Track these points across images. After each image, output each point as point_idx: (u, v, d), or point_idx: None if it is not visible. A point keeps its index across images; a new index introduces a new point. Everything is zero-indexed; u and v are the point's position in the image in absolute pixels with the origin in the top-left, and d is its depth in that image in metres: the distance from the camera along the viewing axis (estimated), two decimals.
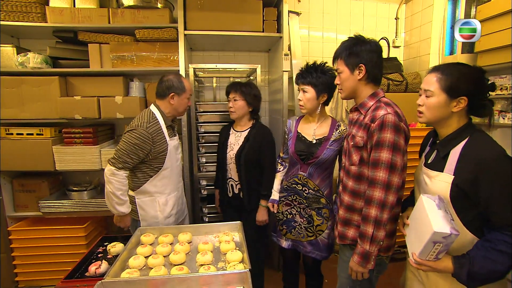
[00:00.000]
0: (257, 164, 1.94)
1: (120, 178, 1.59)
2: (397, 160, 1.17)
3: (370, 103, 1.28)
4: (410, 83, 2.69)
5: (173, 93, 1.70)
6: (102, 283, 1.10)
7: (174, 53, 2.20)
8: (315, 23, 2.94)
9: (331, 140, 1.61)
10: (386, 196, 1.17)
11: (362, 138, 1.25)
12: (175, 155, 1.81)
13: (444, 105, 1.07)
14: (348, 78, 1.31)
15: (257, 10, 2.26)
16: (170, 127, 1.78)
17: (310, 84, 1.59)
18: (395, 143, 1.16)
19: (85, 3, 2.18)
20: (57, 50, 2.25)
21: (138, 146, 1.59)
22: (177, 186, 1.87)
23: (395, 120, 1.17)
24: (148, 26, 2.17)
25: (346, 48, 1.30)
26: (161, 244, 1.43)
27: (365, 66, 1.26)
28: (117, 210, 1.63)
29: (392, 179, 1.17)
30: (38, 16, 2.09)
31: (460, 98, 1.04)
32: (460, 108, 1.05)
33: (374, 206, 1.19)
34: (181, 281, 1.13)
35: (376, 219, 1.18)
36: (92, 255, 1.45)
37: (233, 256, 1.31)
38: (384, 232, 1.20)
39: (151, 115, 1.67)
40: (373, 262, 1.23)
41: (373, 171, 1.20)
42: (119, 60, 2.20)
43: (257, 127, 1.97)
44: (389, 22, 3.03)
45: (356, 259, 1.25)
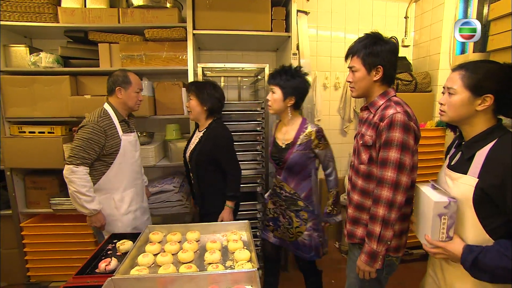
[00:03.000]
0: (211, 166, 1.83)
1: (81, 175, 1.59)
2: (406, 159, 1.15)
3: (380, 102, 1.26)
4: (420, 82, 2.66)
5: (119, 87, 1.73)
6: (112, 279, 1.11)
7: (183, 52, 2.21)
8: (324, 22, 2.92)
9: (297, 144, 1.63)
10: (394, 195, 1.16)
11: (371, 137, 1.23)
12: (131, 151, 1.81)
13: (468, 103, 1.00)
14: (363, 78, 1.27)
15: (265, 9, 2.26)
16: (125, 123, 1.79)
17: (278, 86, 1.63)
18: (404, 143, 1.14)
19: (96, 3, 2.21)
20: (68, 49, 2.28)
21: (92, 140, 1.61)
22: (134, 183, 1.86)
23: (404, 119, 1.15)
24: (157, 26, 2.19)
25: (364, 46, 1.24)
26: (170, 242, 1.44)
27: (383, 68, 1.23)
28: (88, 209, 1.62)
29: (401, 179, 1.15)
30: (50, 16, 2.13)
31: (485, 96, 0.97)
32: (485, 107, 0.98)
33: (382, 205, 1.17)
34: (190, 279, 1.13)
35: (383, 218, 1.17)
36: (101, 252, 1.47)
37: (241, 255, 1.31)
38: (392, 231, 1.18)
39: (102, 111, 1.71)
40: (381, 262, 1.21)
41: (381, 170, 1.18)
42: (128, 59, 2.22)
43: (211, 128, 1.85)
44: (398, 21, 2.99)
45: (364, 258, 1.24)
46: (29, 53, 2.20)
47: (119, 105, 1.77)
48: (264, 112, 2.39)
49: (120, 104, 1.77)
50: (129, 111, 1.84)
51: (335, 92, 3.04)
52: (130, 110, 1.84)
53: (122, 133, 1.75)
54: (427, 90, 2.72)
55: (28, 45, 2.24)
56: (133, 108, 1.83)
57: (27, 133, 2.22)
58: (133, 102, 1.80)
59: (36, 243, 2.28)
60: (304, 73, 1.68)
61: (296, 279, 2.50)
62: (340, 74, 3.00)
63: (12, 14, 2.09)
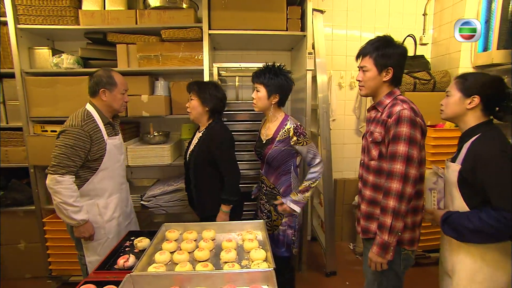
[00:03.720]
0: (209, 167, 1.79)
1: (67, 184, 1.50)
2: (414, 152, 1.21)
3: (387, 101, 1.34)
4: (439, 81, 2.59)
5: (103, 89, 1.63)
6: (131, 276, 1.13)
7: (199, 52, 2.23)
8: (339, 21, 2.89)
9: (277, 140, 1.69)
10: (404, 187, 1.21)
11: (380, 134, 1.30)
12: (117, 155, 1.73)
13: (460, 103, 1.25)
14: (374, 77, 1.34)
15: (281, 8, 2.25)
16: (110, 125, 1.71)
17: (262, 84, 1.67)
18: (412, 137, 1.21)
19: (114, 5, 2.26)
20: (88, 51, 2.35)
21: (77, 147, 1.51)
22: (119, 188, 1.78)
23: (411, 114, 1.22)
24: (173, 26, 2.21)
25: (377, 48, 1.31)
26: (186, 240, 1.46)
27: (393, 69, 1.31)
28: (76, 220, 1.54)
29: (409, 171, 1.21)
30: (71, 19, 2.19)
31: (473, 97, 1.21)
32: (473, 106, 1.22)
33: (392, 197, 1.22)
34: (206, 278, 1.14)
35: (394, 209, 1.21)
36: (119, 249, 1.50)
37: (257, 255, 1.31)
38: (402, 222, 1.24)
39: (85, 114, 1.60)
40: (392, 253, 1.26)
41: (391, 163, 1.24)
42: (145, 59, 2.26)
43: (210, 127, 1.80)
44: (416, 18, 2.92)
45: (375, 249, 1.28)
46: (52, 55, 2.27)
47: (103, 107, 1.67)
48: None
49: (105, 107, 1.67)
50: (114, 113, 1.75)
51: (351, 92, 2.99)
52: (115, 112, 1.75)
53: (108, 137, 1.65)
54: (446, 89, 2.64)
55: (51, 47, 2.31)
56: (119, 110, 1.74)
57: (49, 132, 2.29)
58: (119, 104, 1.70)
59: (57, 238, 2.35)
60: (287, 71, 1.73)
61: (312, 279, 2.49)
62: (356, 73, 2.92)
63: (37, 18, 2.17)
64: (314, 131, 2.77)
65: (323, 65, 2.37)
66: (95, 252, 1.68)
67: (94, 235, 1.64)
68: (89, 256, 1.68)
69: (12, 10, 2.12)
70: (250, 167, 2.34)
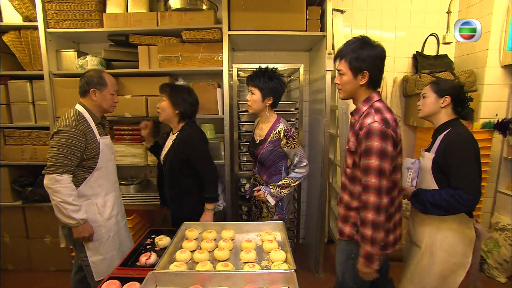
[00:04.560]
0: (186, 169, 1.82)
1: (66, 183, 1.50)
2: (385, 165, 1.22)
3: (363, 108, 1.33)
4: (463, 82, 2.50)
5: (93, 89, 1.65)
6: (153, 273, 1.15)
7: (218, 53, 2.25)
8: (358, 20, 2.84)
9: (268, 140, 1.76)
10: (380, 199, 1.23)
11: (354, 144, 1.32)
12: (109, 154, 1.75)
13: (435, 102, 1.49)
14: (350, 81, 1.32)
15: (300, 9, 2.24)
16: (100, 125, 1.72)
17: (257, 87, 1.72)
18: (383, 150, 1.22)
19: (137, 8, 2.31)
20: (111, 52, 2.41)
21: (73, 146, 1.52)
22: (114, 187, 1.80)
23: (381, 127, 1.22)
24: (193, 28, 2.24)
25: (352, 51, 1.28)
26: (205, 239, 1.47)
27: (369, 73, 1.27)
28: (76, 219, 1.53)
29: (383, 183, 1.23)
30: (96, 22, 2.26)
31: (445, 97, 1.46)
32: (445, 104, 1.47)
33: (370, 210, 1.25)
34: (227, 277, 1.15)
35: (373, 222, 1.24)
36: (141, 246, 1.53)
37: (276, 256, 1.31)
38: (383, 233, 1.26)
39: (77, 114, 1.61)
40: (378, 262, 1.28)
41: (365, 177, 1.26)
42: (166, 60, 2.30)
43: (184, 130, 1.84)
44: (440, 16, 2.82)
45: (362, 261, 1.30)
46: (77, 57, 2.35)
47: (93, 107, 1.68)
48: (298, 112, 2.36)
49: (95, 107, 1.69)
50: (104, 113, 1.76)
51: None
52: (104, 112, 1.76)
53: (100, 136, 1.67)
54: (472, 89, 2.55)
55: (76, 50, 2.39)
56: (108, 110, 1.75)
57: None
58: (109, 104, 1.72)
59: None
60: (281, 74, 1.78)
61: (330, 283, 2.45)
62: None
63: (64, 22, 2.25)
64: (333, 132, 2.74)
65: None
66: (97, 251, 1.68)
67: (93, 235, 1.63)
68: (91, 257, 1.67)
69: (43, 15, 2.22)
70: None
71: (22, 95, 2.38)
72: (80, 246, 1.66)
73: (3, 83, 2.39)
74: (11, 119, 2.43)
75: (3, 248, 2.59)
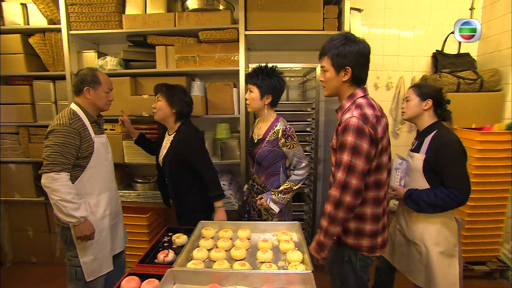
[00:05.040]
0: (186, 169, 1.82)
1: (64, 181, 1.48)
2: (357, 162, 1.18)
3: (346, 104, 1.31)
4: (486, 81, 2.42)
5: (87, 87, 1.63)
6: (172, 271, 1.17)
7: (234, 53, 2.26)
8: (376, 19, 2.79)
9: (266, 140, 1.72)
10: (342, 195, 1.20)
11: (336, 140, 1.31)
12: (104, 153, 1.73)
13: (418, 105, 1.60)
14: (333, 78, 1.30)
15: (317, 8, 2.22)
16: (96, 124, 1.71)
17: (255, 85, 1.70)
18: (356, 146, 1.18)
19: (155, 9, 2.35)
20: (129, 53, 2.46)
21: (69, 144, 1.52)
22: (108, 186, 1.77)
23: (358, 123, 1.18)
24: (210, 28, 2.26)
25: (334, 47, 1.26)
26: (222, 238, 1.48)
27: (351, 69, 1.25)
28: (76, 217, 1.50)
29: (350, 181, 1.19)
30: (116, 23, 2.32)
31: (427, 100, 1.58)
32: (428, 107, 1.58)
33: (329, 202, 1.25)
34: (245, 277, 1.15)
35: (330, 214, 1.24)
36: (158, 244, 1.55)
37: (293, 256, 1.30)
38: (338, 228, 1.26)
39: (72, 112, 1.60)
40: (327, 251, 1.32)
41: (336, 171, 1.25)
42: (183, 60, 2.33)
43: (181, 130, 1.84)
44: (462, 13, 2.73)
45: (313, 245, 1.34)
46: (97, 58, 2.42)
47: (88, 105, 1.67)
48: (314, 112, 2.34)
49: (89, 105, 1.67)
50: (99, 111, 1.75)
51: (387, 92, 2.88)
52: (99, 111, 1.75)
53: (95, 135, 1.66)
54: (496, 89, 2.46)
55: (96, 51, 2.46)
56: (103, 108, 1.74)
57: None
58: (103, 102, 1.71)
59: None
60: (280, 72, 1.74)
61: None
62: (393, 74, 2.84)
63: (86, 24, 2.33)
64: None
65: None
66: (89, 251, 1.64)
67: (94, 234, 1.59)
68: (83, 257, 1.63)
69: (66, 18, 2.29)
70: None
71: (45, 95, 2.47)
72: (71, 245, 1.63)
73: (28, 84, 2.49)
74: (35, 118, 2.52)
75: (27, 242, 2.69)
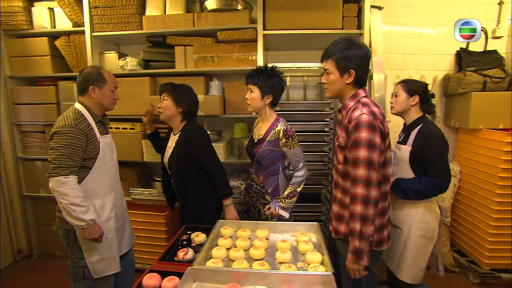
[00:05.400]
0: (193, 169, 1.80)
1: (73, 185, 1.45)
2: (374, 156, 1.23)
3: (350, 104, 1.36)
4: None
5: (92, 86, 1.58)
6: (192, 269, 1.18)
7: (252, 53, 2.27)
8: (396, 17, 2.72)
9: (267, 140, 1.73)
10: (369, 191, 1.22)
11: (344, 139, 1.34)
12: (110, 154, 1.69)
13: (406, 100, 1.68)
14: (336, 80, 1.35)
15: (336, 7, 2.19)
16: (101, 124, 1.66)
17: (256, 85, 1.70)
18: (371, 141, 1.23)
19: (174, 10, 2.38)
20: (149, 53, 2.51)
21: (75, 146, 1.47)
22: (114, 187, 1.73)
23: (369, 119, 1.24)
24: (229, 28, 2.27)
25: (339, 50, 1.31)
26: (241, 238, 1.48)
27: (355, 72, 1.31)
28: (85, 220, 1.46)
29: (371, 175, 1.22)
30: (136, 25, 2.37)
31: (414, 96, 1.66)
32: (415, 103, 1.67)
33: (358, 202, 1.23)
34: (264, 277, 1.15)
35: (361, 215, 1.23)
36: (177, 242, 1.57)
37: (313, 257, 1.29)
38: (372, 227, 1.25)
39: (76, 112, 1.54)
40: (367, 258, 1.26)
41: (354, 169, 1.26)
42: (201, 60, 2.35)
43: (186, 130, 1.82)
44: (489, 8, 2.62)
45: (350, 257, 1.29)
46: (118, 58, 2.48)
47: (93, 105, 1.61)
48: (332, 112, 2.31)
49: (95, 104, 1.62)
50: (104, 111, 1.70)
51: None
52: (104, 110, 1.69)
53: (100, 135, 1.61)
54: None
55: (117, 51, 2.52)
56: (109, 108, 1.68)
57: (113, 129, 2.49)
58: (109, 101, 1.65)
59: None
60: (280, 72, 1.76)
61: None
62: (414, 72, 2.76)
63: (108, 26, 2.39)
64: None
65: (380, 64, 2.26)
66: (95, 252, 1.62)
67: (103, 236, 1.57)
68: (89, 257, 1.61)
69: (89, 20, 2.36)
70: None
71: (69, 95, 2.54)
72: (75, 247, 1.61)
73: (54, 84, 2.58)
74: None
75: (51, 236, 2.79)
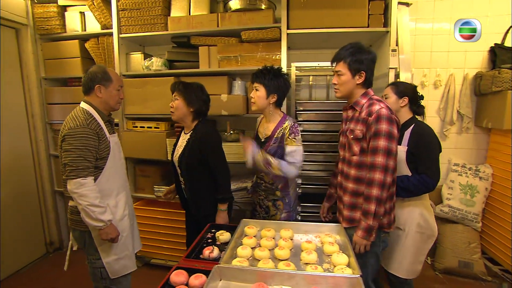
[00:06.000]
0: (203, 168, 1.80)
1: (91, 186, 1.47)
2: (393, 146, 1.39)
3: (363, 101, 1.51)
4: None
5: (98, 85, 1.57)
6: (219, 267, 1.19)
7: (276, 52, 2.26)
8: (424, 13, 2.64)
9: (274, 137, 1.76)
10: (385, 177, 1.39)
11: (361, 131, 1.46)
12: (118, 153, 1.70)
13: (396, 102, 1.74)
14: (348, 81, 1.50)
15: (362, 4, 2.14)
16: (108, 123, 1.66)
17: (262, 84, 1.72)
18: (390, 132, 1.39)
19: (198, 11, 2.41)
20: (173, 54, 2.55)
21: (90, 146, 1.49)
22: (124, 186, 1.74)
23: (388, 113, 1.41)
24: (252, 27, 2.27)
25: (351, 54, 1.46)
26: (265, 237, 1.48)
27: (365, 73, 1.48)
28: (104, 220, 1.49)
29: (389, 163, 1.39)
30: (161, 26, 2.42)
31: (404, 98, 1.72)
32: (405, 104, 1.73)
33: (375, 186, 1.40)
34: (290, 277, 1.14)
35: (377, 197, 1.40)
36: (202, 240, 1.59)
37: (339, 259, 1.27)
38: (383, 208, 1.44)
39: (85, 112, 1.54)
40: (375, 235, 1.45)
41: (373, 157, 1.42)
42: (225, 60, 2.37)
43: (197, 129, 1.82)
44: None
45: (361, 233, 1.44)
46: (143, 59, 2.54)
47: (100, 104, 1.61)
48: None
49: (101, 104, 1.61)
50: (110, 110, 1.69)
51: (435, 91, 2.72)
52: (111, 110, 1.69)
53: (109, 135, 1.62)
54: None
55: (142, 52, 2.59)
56: (114, 107, 1.68)
57: (138, 127, 2.57)
58: (115, 100, 1.65)
59: (140, 223, 2.59)
60: (285, 73, 1.81)
61: None
62: (442, 71, 2.68)
63: (134, 27, 2.46)
64: None
65: (407, 62, 2.19)
66: (112, 252, 1.65)
67: (119, 236, 1.60)
68: (105, 258, 1.64)
69: (117, 23, 2.44)
70: (321, 168, 2.28)
71: None
72: (91, 248, 1.63)
73: None
74: None
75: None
